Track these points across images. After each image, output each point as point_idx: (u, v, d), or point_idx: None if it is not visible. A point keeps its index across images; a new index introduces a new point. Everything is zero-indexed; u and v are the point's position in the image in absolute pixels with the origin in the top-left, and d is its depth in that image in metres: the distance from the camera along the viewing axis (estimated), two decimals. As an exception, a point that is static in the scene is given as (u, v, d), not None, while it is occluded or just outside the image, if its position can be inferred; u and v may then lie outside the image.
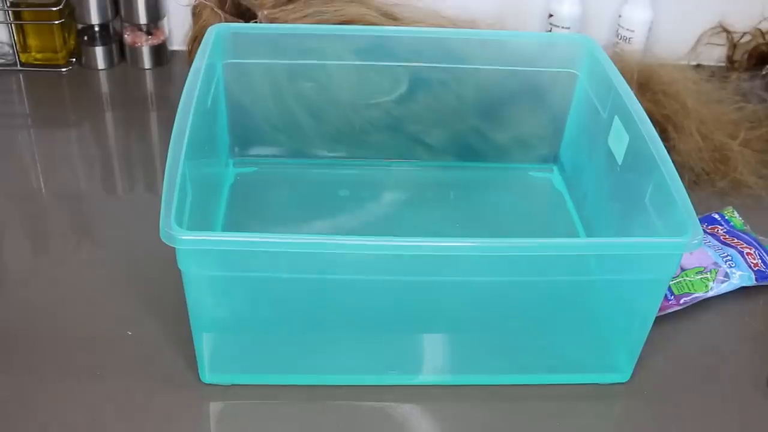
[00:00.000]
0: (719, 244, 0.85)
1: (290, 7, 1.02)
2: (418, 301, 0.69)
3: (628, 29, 1.15)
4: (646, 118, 0.76)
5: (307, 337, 0.71)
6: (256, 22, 1.00)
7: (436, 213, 0.91)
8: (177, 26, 1.17)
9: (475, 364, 0.73)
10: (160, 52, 1.16)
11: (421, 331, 0.72)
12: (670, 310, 0.79)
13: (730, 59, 1.19)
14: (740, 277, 0.82)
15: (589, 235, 0.87)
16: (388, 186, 0.94)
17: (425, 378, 0.73)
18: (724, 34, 1.19)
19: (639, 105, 0.77)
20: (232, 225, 0.85)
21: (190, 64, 0.79)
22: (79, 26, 1.14)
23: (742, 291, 0.83)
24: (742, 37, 1.18)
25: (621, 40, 1.16)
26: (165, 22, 1.17)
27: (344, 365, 0.72)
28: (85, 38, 1.14)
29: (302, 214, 0.89)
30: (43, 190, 0.94)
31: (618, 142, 0.79)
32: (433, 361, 0.74)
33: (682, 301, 0.80)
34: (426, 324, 0.71)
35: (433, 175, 0.96)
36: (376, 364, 0.72)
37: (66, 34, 1.13)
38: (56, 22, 1.10)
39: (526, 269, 0.66)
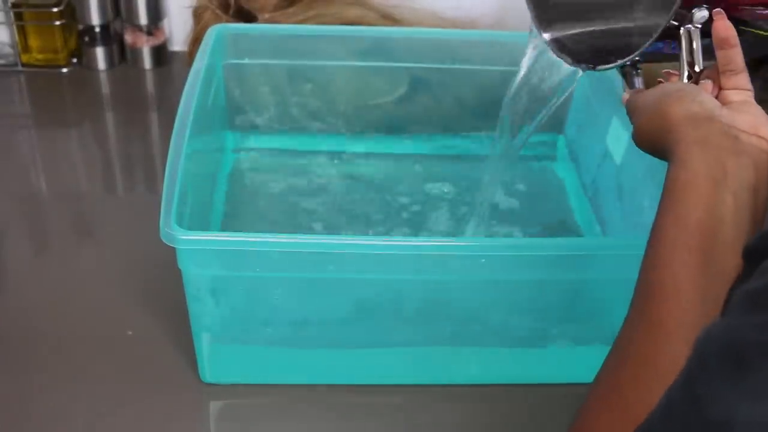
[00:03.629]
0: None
1: (291, 10, 1.02)
2: (418, 299, 0.69)
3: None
4: (646, 118, 0.75)
5: (307, 336, 0.71)
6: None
7: (437, 211, 0.91)
8: (177, 27, 1.17)
9: (474, 363, 0.73)
10: (160, 53, 1.16)
11: (422, 330, 0.72)
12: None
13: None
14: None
15: (589, 235, 0.87)
16: (388, 185, 0.94)
17: (425, 378, 0.73)
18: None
19: (638, 105, 0.77)
20: (233, 224, 0.85)
21: (190, 65, 0.79)
22: (80, 27, 1.14)
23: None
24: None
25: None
26: (165, 23, 1.17)
27: (344, 364, 0.72)
28: (86, 39, 1.14)
29: (302, 213, 0.89)
30: (44, 190, 0.94)
31: (617, 142, 0.79)
32: (434, 361, 0.74)
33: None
34: (426, 323, 0.71)
35: (432, 172, 0.96)
36: (376, 364, 0.72)
37: (67, 35, 1.13)
38: (57, 22, 1.10)
39: (527, 268, 0.66)
